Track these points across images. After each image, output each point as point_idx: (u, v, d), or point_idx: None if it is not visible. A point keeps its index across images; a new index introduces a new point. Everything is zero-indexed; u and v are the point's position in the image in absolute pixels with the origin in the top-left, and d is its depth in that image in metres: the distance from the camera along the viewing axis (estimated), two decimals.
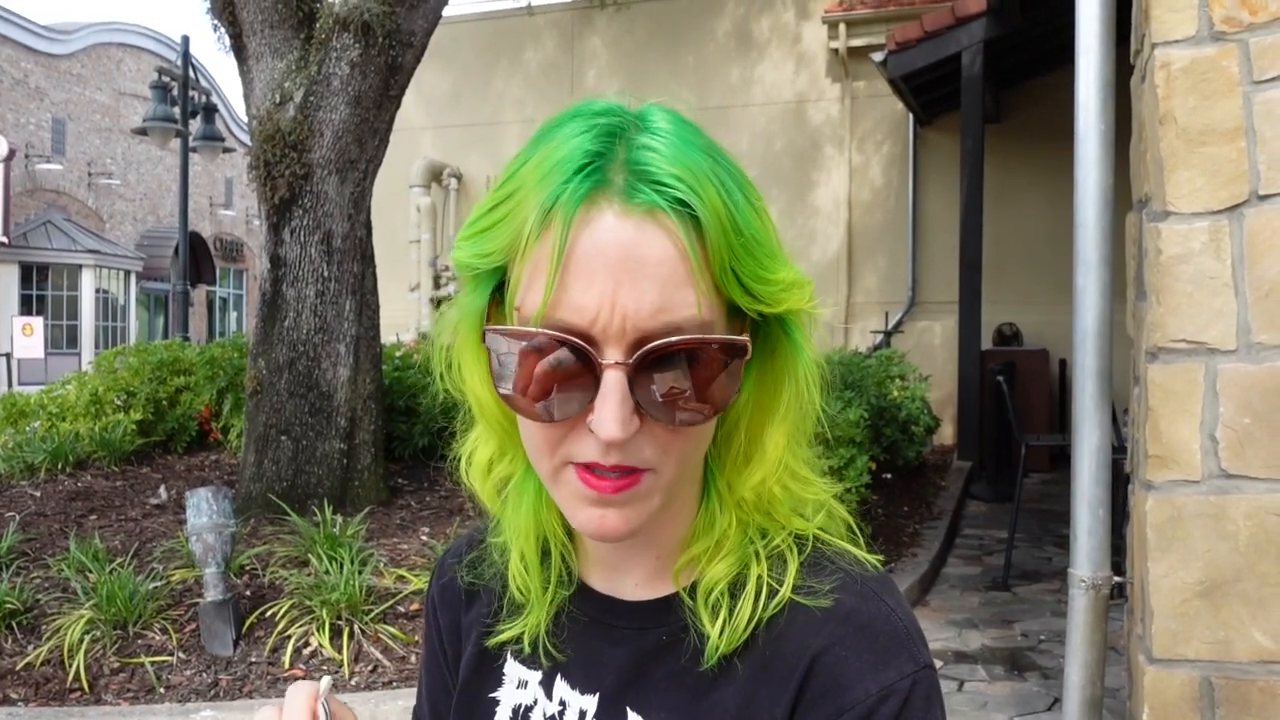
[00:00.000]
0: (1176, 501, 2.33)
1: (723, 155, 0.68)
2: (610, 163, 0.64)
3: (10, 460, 6.35)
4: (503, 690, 0.84)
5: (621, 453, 0.66)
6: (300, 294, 5.43)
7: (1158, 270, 2.36)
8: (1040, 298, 10.16)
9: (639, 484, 0.68)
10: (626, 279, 0.63)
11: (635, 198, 0.63)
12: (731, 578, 0.73)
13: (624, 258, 0.63)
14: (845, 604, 0.71)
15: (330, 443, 5.42)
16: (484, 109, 12.74)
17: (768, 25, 11.72)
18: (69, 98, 25.23)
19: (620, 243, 0.63)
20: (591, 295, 0.63)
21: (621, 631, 0.78)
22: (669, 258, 0.63)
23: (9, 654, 3.84)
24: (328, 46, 5.36)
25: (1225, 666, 2.30)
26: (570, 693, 0.79)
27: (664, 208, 0.63)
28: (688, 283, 0.63)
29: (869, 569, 0.75)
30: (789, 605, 0.72)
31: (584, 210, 0.64)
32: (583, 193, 0.63)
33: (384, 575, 4.26)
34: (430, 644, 0.94)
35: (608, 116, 0.67)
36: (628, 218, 0.63)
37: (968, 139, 8.59)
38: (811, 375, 0.73)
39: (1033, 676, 4.33)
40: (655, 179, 0.64)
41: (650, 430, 0.66)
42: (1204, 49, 2.32)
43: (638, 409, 0.65)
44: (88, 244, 24.48)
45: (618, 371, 0.64)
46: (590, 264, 0.63)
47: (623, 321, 0.63)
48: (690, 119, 0.70)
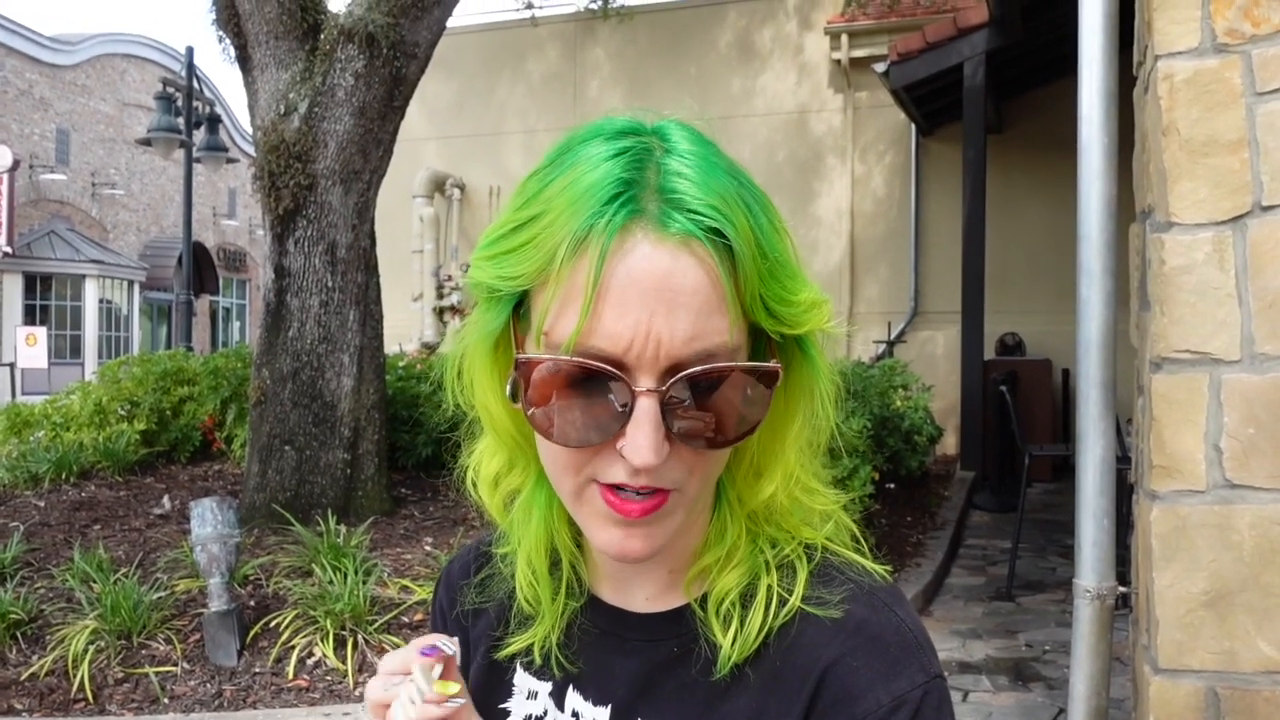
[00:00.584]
0: (1181, 512, 2.33)
1: (745, 176, 0.69)
2: (643, 190, 0.65)
3: (14, 470, 6.35)
4: (513, 701, 0.84)
5: (651, 476, 0.67)
6: (304, 304, 5.44)
7: (1161, 281, 2.37)
8: (1042, 307, 10.17)
9: (665, 504, 0.69)
10: (661, 308, 0.64)
11: (670, 226, 0.64)
12: (742, 587, 0.74)
13: (659, 287, 0.64)
14: (856, 614, 0.72)
15: (334, 453, 5.43)
16: (487, 119, 12.78)
17: (770, 36, 11.76)
18: (73, 108, 25.30)
19: (655, 271, 0.64)
20: (626, 324, 0.64)
21: (633, 643, 0.79)
22: (702, 286, 0.64)
23: (13, 664, 3.84)
24: (332, 58, 5.39)
25: (1231, 677, 2.30)
26: (583, 704, 0.80)
27: (699, 236, 0.64)
28: (720, 310, 0.65)
29: (878, 580, 0.75)
30: (799, 615, 0.73)
31: (619, 239, 0.64)
32: (619, 223, 0.64)
33: (388, 585, 4.26)
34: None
35: (631, 137, 0.67)
36: (662, 246, 0.64)
37: (970, 149, 8.61)
38: (828, 392, 0.74)
39: (1037, 687, 4.32)
40: (689, 207, 0.64)
41: (678, 453, 0.67)
42: (1206, 60, 2.33)
43: (668, 435, 0.66)
44: (91, 254, 24.52)
45: (651, 399, 0.65)
46: (625, 293, 0.64)
47: (656, 349, 0.64)
48: (704, 133, 0.71)
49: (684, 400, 0.65)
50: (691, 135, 0.69)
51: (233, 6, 5.61)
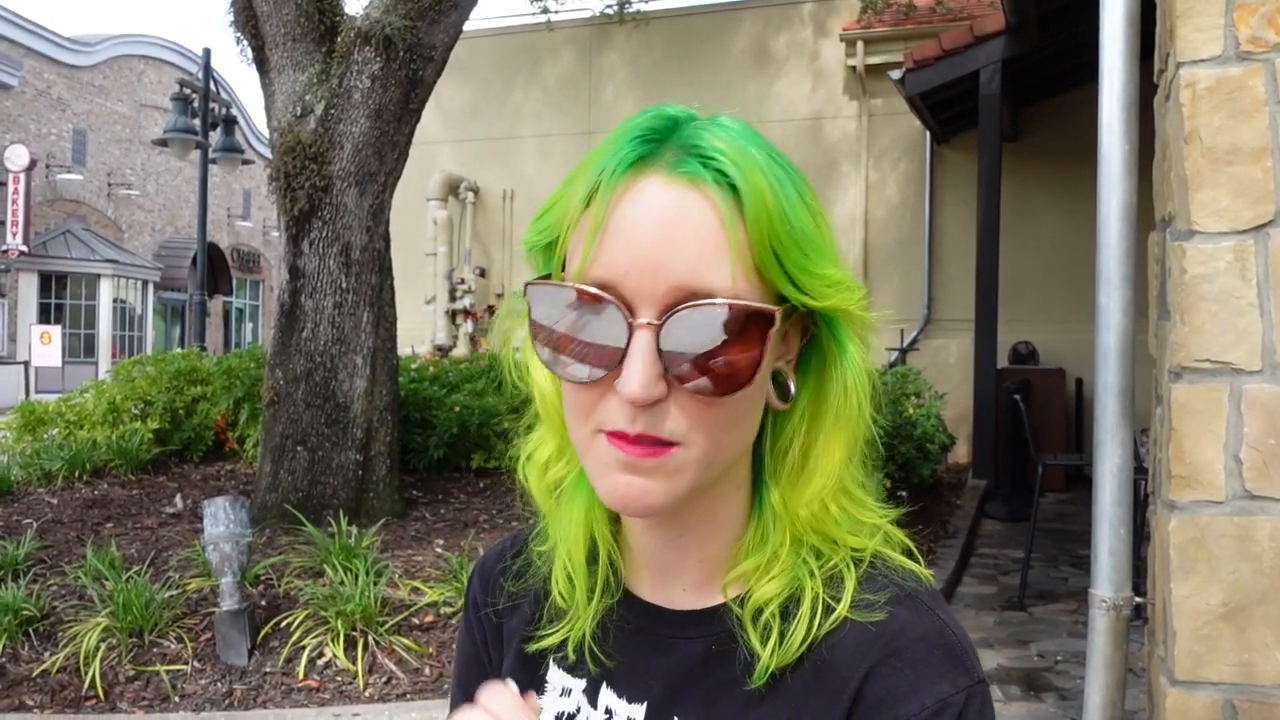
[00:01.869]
0: (1200, 522, 2.31)
1: (782, 156, 0.71)
2: (663, 141, 0.67)
3: (28, 467, 6.38)
4: (546, 698, 0.83)
5: (648, 419, 0.67)
6: (318, 305, 5.45)
7: (1182, 289, 2.35)
8: (1057, 316, 10.13)
9: (669, 455, 0.68)
10: (664, 241, 0.65)
11: (680, 168, 0.66)
12: (783, 598, 0.73)
13: (663, 221, 0.65)
14: (899, 617, 0.71)
15: (346, 454, 5.43)
16: (502, 123, 12.80)
17: (785, 42, 11.75)
18: (90, 109, 25.45)
19: (662, 207, 0.65)
20: (628, 255, 0.65)
21: (669, 640, 0.78)
22: (707, 224, 0.65)
23: (25, 661, 3.85)
24: (349, 60, 5.40)
25: (1249, 689, 2.28)
26: (617, 701, 0.79)
27: (706, 179, 0.65)
28: (723, 252, 0.65)
29: (922, 583, 0.75)
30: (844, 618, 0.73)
31: (629, 178, 0.66)
32: (630, 161, 0.67)
33: (399, 587, 4.26)
34: (471, 647, 0.93)
35: (678, 110, 0.70)
36: (671, 187, 0.66)
37: (985, 157, 8.58)
38: (860, 383, 0.73)
39: (1049, 697, 4.29)
40: (703, 153, 0.66)
41: (679, 401, 0.67)
42: (1229, 68, 2.31)
43: (665, 375, 0.66)
44: (106, 254, 24.64)
45: (647, 331, 0.65)
46: (630, 225, 0.66)
47: (654, 280, 0.65)
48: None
49: (682, 338, 0.65)
50: (738, 121, 0.71)
51: (250, 8, 5.64)
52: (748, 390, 0.68)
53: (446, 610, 4.12)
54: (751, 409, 0.71)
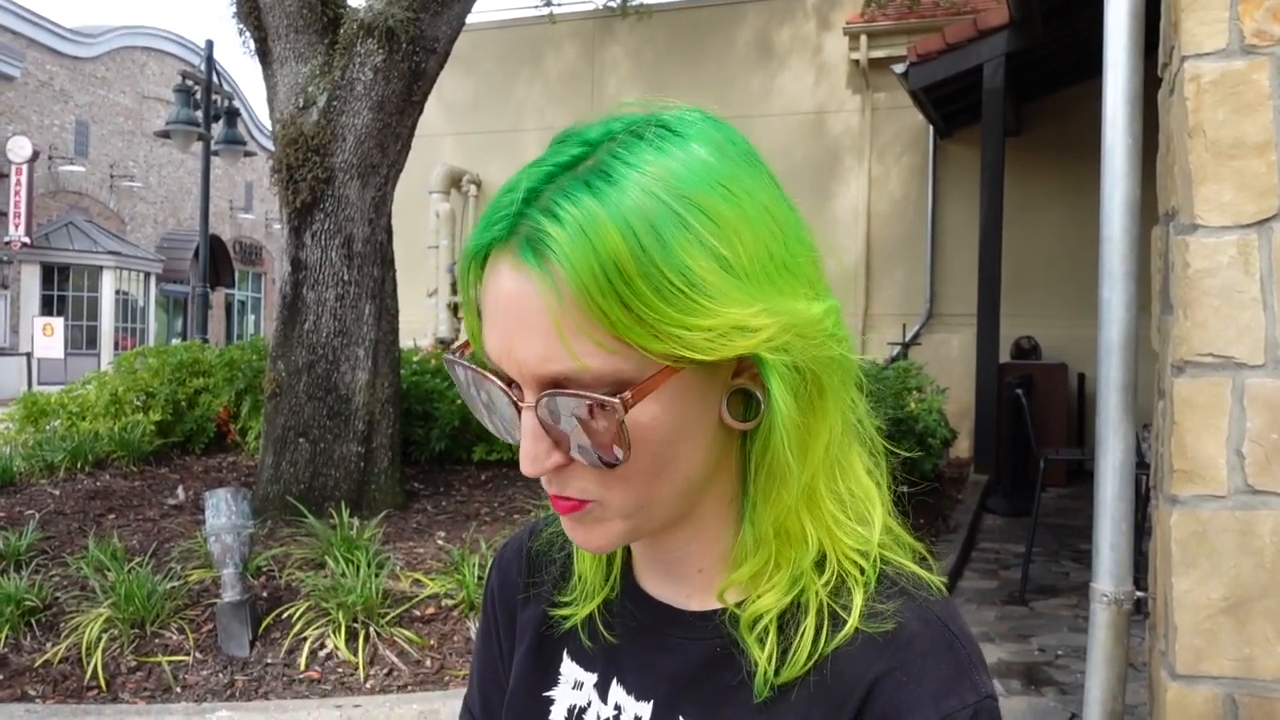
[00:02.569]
0: (1202, 516, 2.31)
1: (688, 186, 0.65)
2: (528, 209, 0.64)
3: (30, 459, 6.39)
4: (558, 690, 0.84)
5: (557, 481, 0.69)
6: (320, 297, 5.45)
7: (1185, 283, 2.35)
8: (1059, 311, 10.12)
9: (587, 509, 0.70)
10: (514, 331, 0.65)
11: (520, 252, 0.64)
12: (782, 608, 0.72)
13: (509, 310, 0.65)
14: (908, 628, 0.70)
15: (348, 446, 5.44)
16: (504, 116, 12.79)
17: (789, 36, 11.73)
18: (93, 100, 25.44)
19: (508, 295, 0.65)
20: (497, 342, 0.67)
21: (676, 640, 0.78)
22: (546, 310, 0.63)
23: (28, 651, 3.86)
24: (352, 51, 5.39)
25: (1250, 684, 2.28)
26: (625, 698, 0.79)
27: (540, 264, 0.63)
28: (569, 334, 0.63)
29: (933, 592, 0.73)
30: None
31: (492, 259, 0.66)
32: (482, 245, 0.67)
33: (400, 579, 4.26)
34: (487, 635, 0.94)
35: (581, 147, 0.67)
36: (515, 273, 0.64)
37: (988, 152, 8.57)
38: (789, 439, 0.69)
39: (1050, 691, 4.30)
40: (536, 236, 0.63)
41: (582, 466, 0.68)
42: (1234, 62, 2.31)
43: (559, 446, 0.67)
44: (108, 245, 24.65)
45: (529, 413, 0.66)
46: (491, 312, 0.67)
47: (519, 367, 0.66)
48: (709, 129, 0.69)
49: (557, 418, 0.66)
50: (657, 142, 0.66)
51: (253, 0, 5.63)
52: (649, 453, 0.67)
53: (448, 602, 4.12)
54: (676, 455, 0.69)
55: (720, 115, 0.72)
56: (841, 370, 0.71)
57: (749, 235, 0.66)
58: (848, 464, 0.74)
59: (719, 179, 0.66)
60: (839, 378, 0.71)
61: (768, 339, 0.66)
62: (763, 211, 0.68)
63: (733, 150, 0.69)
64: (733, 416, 0.70)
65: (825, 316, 0.69)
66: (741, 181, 0.67)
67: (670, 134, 0.67)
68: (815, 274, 0.72)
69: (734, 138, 0.71)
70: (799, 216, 0.73)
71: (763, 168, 0.71)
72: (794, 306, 0.67)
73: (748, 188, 0.68)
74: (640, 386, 0.65)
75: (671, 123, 0.68)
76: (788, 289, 0.68)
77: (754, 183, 0.69)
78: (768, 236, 0.67)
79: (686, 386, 0.67)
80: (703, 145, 0.67)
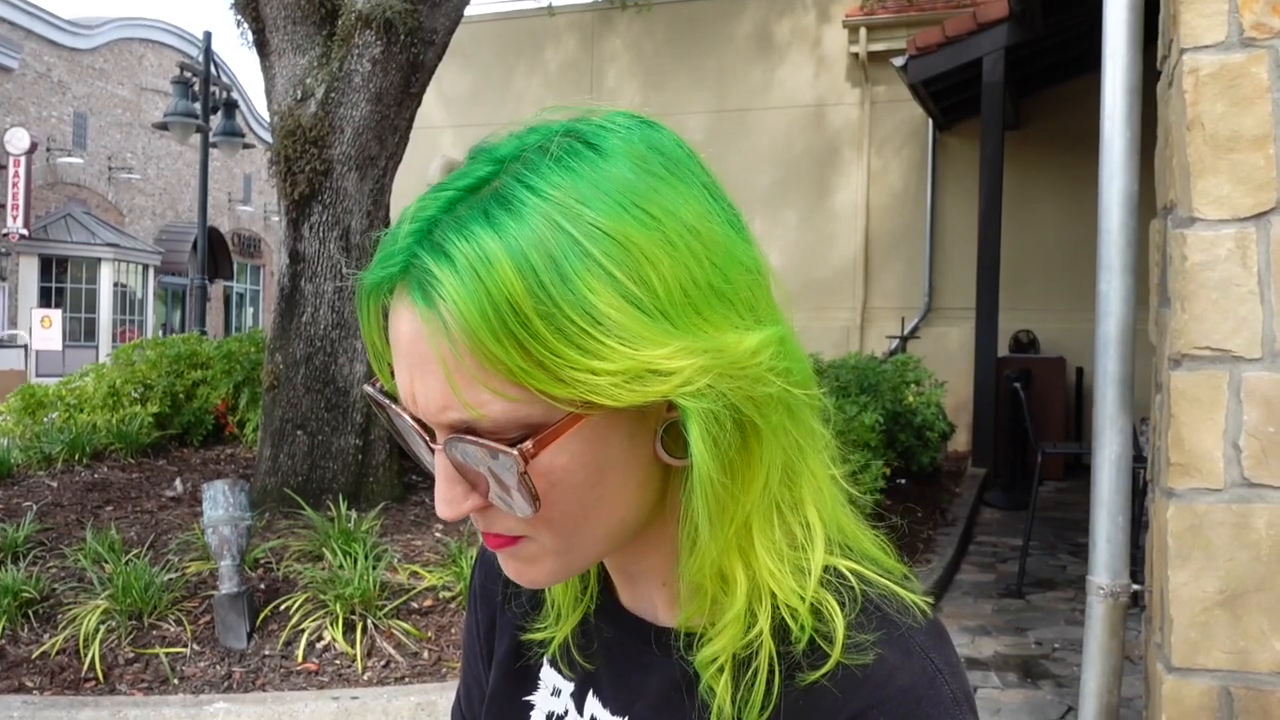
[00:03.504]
0: (1198, 510, 2.31)
1: (589, 210, 0.59)
2: (421, 245, 0.60)
3: (28, 450, 6.39)
4: (537, 695, 0.82)
5: (483, 520, 0.66)
6: (318, 289, 5.45)
7: (1182, 277, 2.35)
8: (1057, 305, 10.13)
9: (518, 546, 0.66)
10: (417, 373, 0.61)
11: (414, 293, 0.59)
12: (734, 651, 0.66)
13: (408, 352, 0.61)
14: (889, 662, 0.64)
15: (345, 438, 5.44)
16: (503, 109, 12.77)
17: (788, 28, 11.71)
18: (91, 92, 25.40)
19: (406, 335, 0.61)
20: (402, 384, 0.63)
21: (650, 655, 0.74)
22: (438, 357, 0.59)
23: (25, 642, 3.86)
24: (350, 43, 5.38)
25: (1245, 676, 2.28)
26: (601, 710, 0.77)
27: (428, 307, 0.59)
28: (463, 383, 0.59)
29: (918, 617, 0.67)
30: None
31: (396, 292, 0.62)
32: (377, 284, 0.62)
33: (398, 571, 4.26)
34: (470, 635, 0.93)
35: (489, 166, 0.62)
36: (411, 314, 0.60)
37: (987, 145, 8.57)
38: (706, 496, 0.62)
39: (1046, 684, 4.31)
40: (425, 278, 0.59)
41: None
42: (1233, 55, 2.30)
43: (476, 489, 0.64)
44: (107, 238, 24.63)
45: (439, 455, 0.63)
46: (395, 352, 0.63)
47: (423, 414, 0.62)
48: (630, 139, 0.63)
49: (472, 461, 0.62)
50: (567, 159, 0.61)
51: None
52: (569, 498, 0.63)
53: (445, 595, 4.12)
54: (602, 497, 0.64)
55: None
56: (784, 406, 0.64)
57: (667, 263, 0.59)
58: (791, 502, 0.67)
59: (633, 199, 0.60)
60: (780, 415, 0.64)
61: (684, 382, 0.59)
62: (686, 232, 0.61)
63: (656, 162, 0.62)
64: (669, 453, 0.64)
65: (762, 348, 0.62)
66: (661, 199, 0.61)
67: (583, 148, 0.62)
68: (756, 297, 0.64)
69: (661, 145, 0.64)
70: (738, 232, 0.65)
71: (693, 179, 0.64)
72: (721, 341, 0.60)
73: (669, 206, 0.61)
74: (542, 436, 0.60)
75: (587, 134, 0.63)
76: (717, 319, 0.61)
77: (677, 199, 0.62)
78: (691, 261, 0.60)
79: (609, 426, 0.62)
80: (618, 161, 0.61)
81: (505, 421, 0.60)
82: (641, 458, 0.64)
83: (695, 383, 0.59)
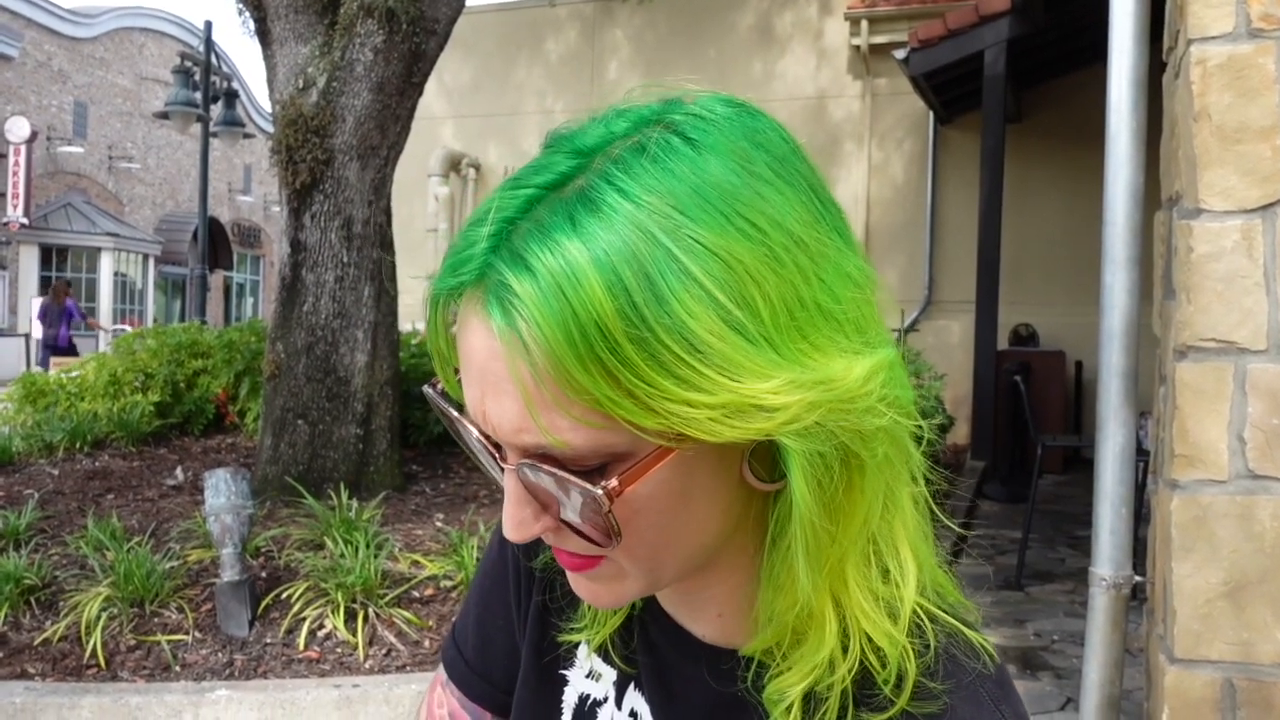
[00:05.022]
0: (1202, 501, 2.31)
1: (689, 219, 0.53)
2: (497, 252, 0.54)
3: (29, 439, 6.39)
4: (573, 671, 0.79)
5: (556, 538, 0.61)
6: (319, 279, 5.44)
7: (1188, 268, 2.34)
8: (1057, 299, 10.13)
9: (595, 568, 0.62)
10: (489, 391, 0.56)
11: (487, 307, 0.54)
12: (804, 690, 0.62)
13: (482, 369, 0.55)
14: (958, 712, 0.60)
15: (346, 427, 5.44)
16: (504, 100, 12.75)
17: (790, 20, 11.69)
18: (91, 81, 25.36)
19: (479, 350, 0.55)
20: (471, 400, 0.58)
21: (693, 667, 0.70)
22: (515, 379, 0.53)
23: (27, 629, 3.87)
24: (351, 32, 5.37)
25: (1248, 668, 2.29)
26: (643, 707, 0.74)
27: (506, 326, 0.53)
28: (546, 406, 0.53)
29: (986, 663, 0.63)
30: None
31: (466, 298, 0.56)
32: (448, 291, 0.57)
33: (399, 560, 4.27)
34: (499, 579, 0.86)
35: (571, 160, 0.56)
36: (485, 329, 0.54)
37: (988, 138, 8.56)
38: (805, 540, 0.58)
39: (1045, 676, 4.31)
40: (503, 291, 0.53)
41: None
42: (1240, 46, 2.30)
43: (549, 509, 0.59)
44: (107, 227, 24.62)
45: (511, 474, 0.58)
46: (466, 365, 0.57)
47: (495, 433, 0.57)
48: (734, 131, 0.58)
49: (545, 485, 0.57)
50: (663, 156, 0.55)
51: None
52: (650, 525, 0.58)
53: (446, 584, 4.13)
54: (684, 524, 0.59)
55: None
56: (890, 438, 0.58)
57: (772, 281, 0.54)
58: (887, 535, 0.63)
59: (736, 207, 0.54)
60: (886, 446, 0.58)
61: (790, 420, 0.53)
62: (793, 245, 0.55)
63: (760, 161, 0.56)
64: (757, 476, 0.59)
65: (872, 376, 0.56)
66: (766, 207, 0.55)
67: (679, 144, 0.55)
68: (865, 316, 0.59)
69: (765, 139, 0.58)
70: (845, 242, 0.59)
71: (799, 180, 0.58)
72: (830, 370, 0.55)
73: (774, 215, 0.55)
74: (628, 472, 0.55)
75: (683, 126, 0.56)
76: (825, 343, 0.55)
77: (784, 206, 0.56)
78: (798, 279, 0.55)
79: (698, 454, 0.56)
80: (719, 160, 0.55)
81: (586, 450, 0.54)
82: (728, 482, 0.59)
83: (803, 420, 0.54)
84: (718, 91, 0.61)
